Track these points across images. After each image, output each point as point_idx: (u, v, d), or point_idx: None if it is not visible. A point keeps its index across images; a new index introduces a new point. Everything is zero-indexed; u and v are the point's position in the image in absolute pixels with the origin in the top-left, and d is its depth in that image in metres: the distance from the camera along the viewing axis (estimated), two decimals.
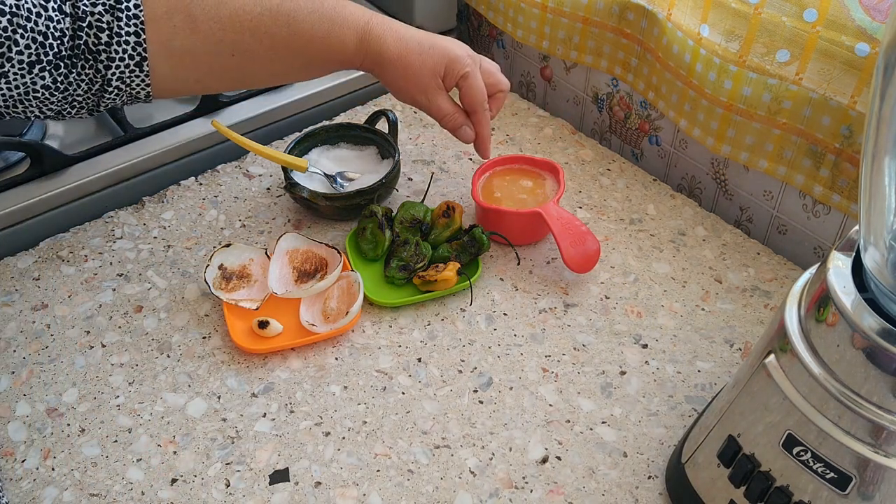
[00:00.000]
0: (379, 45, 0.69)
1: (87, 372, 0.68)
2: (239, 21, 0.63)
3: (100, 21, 0.58)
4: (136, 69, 0.60)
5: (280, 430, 0.63)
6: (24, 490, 0.59)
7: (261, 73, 0.68)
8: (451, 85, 0.73)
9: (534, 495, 0.59)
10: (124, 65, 0.60)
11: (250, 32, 0.64)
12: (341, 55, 0.69)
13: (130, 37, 0.59)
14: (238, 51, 0.64)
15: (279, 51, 0.66)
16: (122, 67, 0.60)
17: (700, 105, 0.78)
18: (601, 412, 0.64)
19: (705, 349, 0.69)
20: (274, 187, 0.87)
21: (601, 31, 0.87)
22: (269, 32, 0.64)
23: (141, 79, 0.61)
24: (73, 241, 0.80)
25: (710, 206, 0.86)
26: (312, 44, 0.66)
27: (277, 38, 0.65)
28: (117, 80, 0.60)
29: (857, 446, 0.44)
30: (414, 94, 0.73)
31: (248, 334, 0.69)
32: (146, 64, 0.61)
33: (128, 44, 0.59)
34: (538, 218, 0.75)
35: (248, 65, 0.66)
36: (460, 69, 0.72)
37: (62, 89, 0.59)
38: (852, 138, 0.68)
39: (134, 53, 0.60)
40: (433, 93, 0.73)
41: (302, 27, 0.65)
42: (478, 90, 0.73)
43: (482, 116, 0.76)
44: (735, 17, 0.72)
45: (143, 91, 0.62)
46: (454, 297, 0.74)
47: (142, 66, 0.60)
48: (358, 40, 0.68)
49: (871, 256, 0.44)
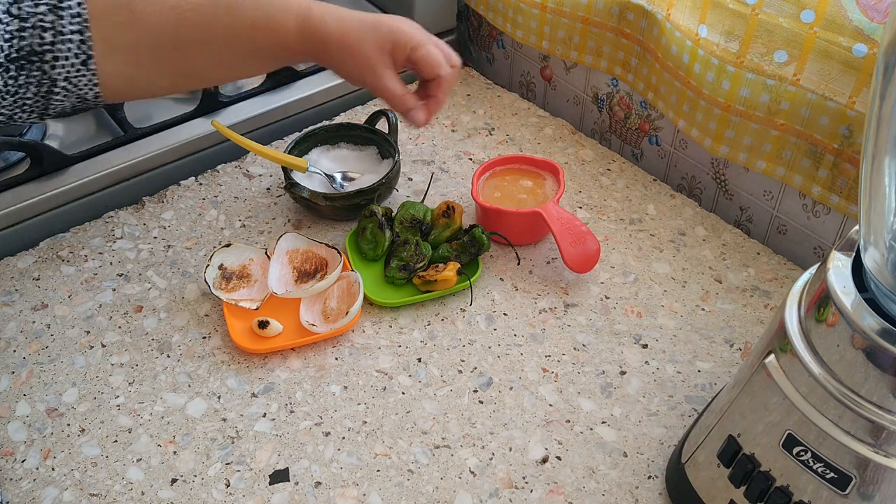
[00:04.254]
0: (321, 28, 0.67)
1: (87, 372, 0.68)
2: (179, 12, 0.63)
3: (42, 21, 0.58)
4: (83, 68, 0.60)
5: (280, 430, 0.63)
6: (24, 490, 0.59)
7: (206, 64, 0.67)
8: (401, 60, 0.70)
9: (534, 495, 0.59)
10: (69, 64, 0.59)
11: (191, 23, 0.63)
12: (284, 40, 0.67)
13: (74, 35, 0.59)
14: (181, 43, 0.64)
15: (221, 40, 0.65)
16: (68, 66, 0.59)
17: (698, 105, 0.78)
18: (601, 412, 0.65)
19: (705, 349, 0.69)
20: (274, 187, 0.87)
21: (601, 32, 0.87)
22: (210, 22, 0.64)
23: (88, 78, 0.61)
24: (73, 241, 0.80)
25: (710, 206, 0.86)
26: (254, 30, 0.66)
27: (218, 26, 0.64)
28: (64, 81, 0.60)
29: (857, 446, 0.44)
30: (362, 74, 0.70)
31: (248, 334, 0.69)
32: (92, 62, 0.60)
33: (72, 42, 0.59)
34: (538, 218, 0.76)
35: (193, 56, 0.65)
36: (407, 41, 0.69)
37: (13, 93, 0.59)
38: (851, 139, 0.68)
39: (79, 52, 0.59)
40: (381, 71, 0.69)
41: (242, 12, 0.65)
42: (434, 56, 0.70)
43: (446, 78, 0.71)
44: (733, 17, 0.72)
45: (90, 91, 0.62)
46: (454, 297, 0.74)
47: (87, 64, 0.60)
48: (299, 24, 0.67)
49: (871, 256, 0.44)
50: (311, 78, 0.96)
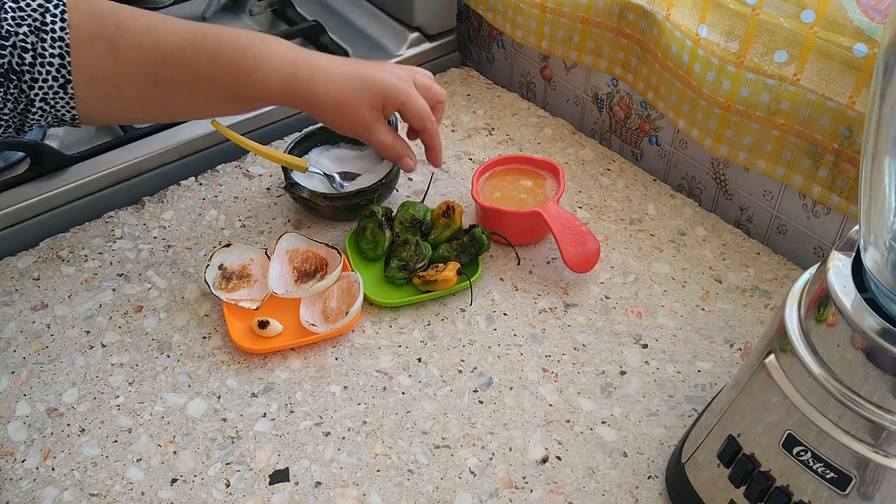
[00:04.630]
0: (308, 90, 0.68)
1: (87, 372, 0.68)
2: (161, 53, 0.63)
3: (24, 41, 0.58)
4: (61, 91, 0.60)
5: (280, 430, 0.63)
6: (24, 490, 0.59)
7: (185, 105, 0.68)
8: (390, 114, 0.73)
9: (534, 495, 0.59)
10: (48, 86, 0.60)
11: (172, 65, 0.63)
12: (266, 94, 0.68)
13: (55, 59, 0.59)
14: (160, 82, 0.64)
15: (201, 84, 0.65)
16: (46, 89, 0.60)
17: (698, 105, 0.78)
18: (601, 412, 0.65)
19: (705, 349, 0.69)
20: (274, 187, 0.87)
21: (601, 32, 0.87)
22: (192, 66, 0.64)
23: (66, 101, 0.61)
24: (73, 241, 0.80)
25: (710, 206, 0.86)
26: (236, 80, 0.66)
27: (200, 72, 0.64)
28: (41, 101, 0.60)
29: (857, 446, 0.44)
30: (354, 130, 0.73)
31: (248, 334, 0.69)
32: (70, 87, 0.60)
33: (52, 65, 0.59)
34: (538, 218, 0.76)
35: (171, 96, 0.66)
36: (397, 97, 0.71)
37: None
38: (851, 139, 0.68)
39: (58, 76, 0.59)
40: (374, 126, 0.72)
41: (225, 63, 0.65)
42: (421, 110, 0.73)
43: (431, 130, 0.76)
44: (733, 17, 0.72)
45: (68, 113, 0.62)
46: (454, 297, 0.74)
47: (66, 88, 0.60)
48: (283, 83, 0.67)
49: (871, 256, 0.44)
50: None
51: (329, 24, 1.03)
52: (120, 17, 0.62)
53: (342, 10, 1.09)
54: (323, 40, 1.01)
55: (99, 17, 0.61)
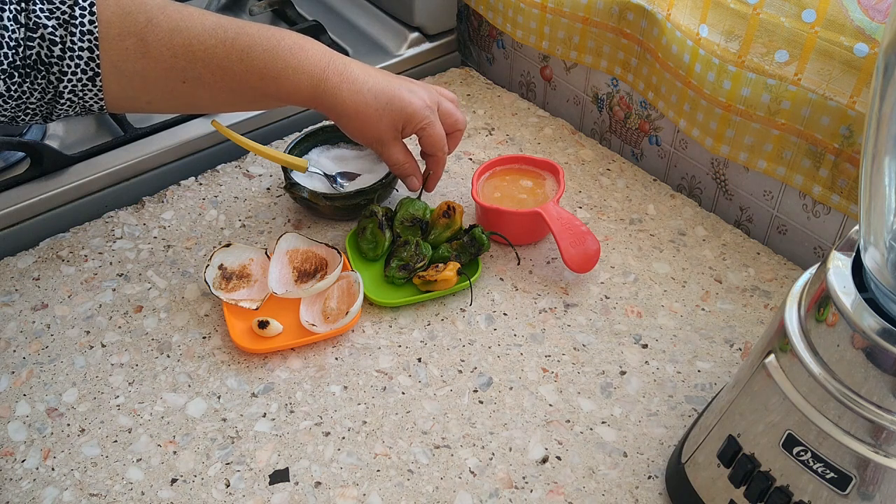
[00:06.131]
0: (334, 98, 0.68)
1: (87, 372, 0.68)
2: (192, 50, 0.63)
3: (53, 34, 0.58)
4: (89, 83, 0.60)
5: (280, 430, 0.63)
6: (24, 490, 0.59)
7: (211, 101, 0.68)
8: (409, 135, 0.74)
9: (534, 495, 0.59)
10: (76, 79, 0.60)
11: (203, 62, 0.63)
12: (293, 97, 0.68)
13: (84, 52, 0.59)
14: (189, 78, 0.64)
15: (230, 83, 0.65)
16: (75, 81, 0.60)
17: (699, 105, 0.78)
18: (601, 412, 0.64)
19: (705, 349, 0.69)
20: (274, 187, 0.87)
21: (601, 31, 0.87)
22: (222, 65, 0.64)
23: (94, 93, 0.61)
24: (73, 241, 0.80)
25: (710, 206, 0.86)
26: (264, 82, 0.66)
27: (229, 71, 0.65)
28: (69, 93, 0.60)
29: (857, 446, 0.44)
30: (370, 142, 0.74)
31: (248, 334, 0.69)
32: (99, 79, 0.61)
33: (81, 59, 0.59)
34: (538, 218, 0.75)
35: (199, 92, 0.66)
36: (419, 122, 0.72)
37: (16, 97, 0.59)
38: (852, 138, 0.68)
39: (87, 69, 0.60)
40: (389, 144, 0.73)
41: (255, 64, 0.65)
42: (437, 138, 0.74)
43: (439, 159, 0.77)
44: (734, 17, 0.72)
45: (96, 104, 0.62)
46: (454, 297, 0.74)
47: (94, 80, 0.60)
48: (312, 88, 0.67)
49: (871, 256, 0.44)
50: None
51: (329, 24, 1.03)
52: (150, 12, 0.62)
53: (342, 10, 1.09)
54: (323, 40, 1.01)
55: (129, 11, 0.61)
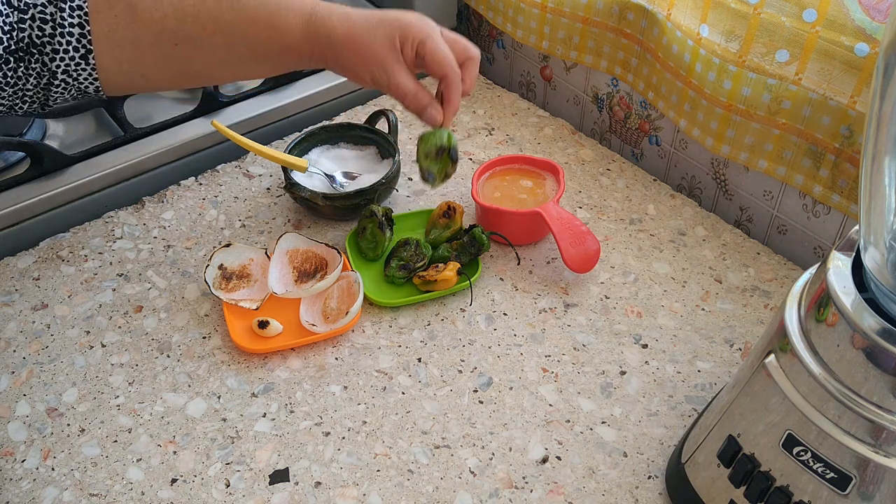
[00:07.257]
0: (326, 27, 0.65)
1: (87, 372, 0.68)
2: (181, 8, 0.62)
3: (42, 13, 0.58)
4: (82, 62, 0.60)
5: (280, 430, 0.63)
6: (24, 490, 0.59)
7: (207, 64, 0.66)
8: (410, 55, 0.66)
9: (534, 495, 0.59)
10: (69, 57, 0.59)
11: (193, 18, 0.63)
12: (287, 40, 0.66)
13: (74, 28, 0.59)
14: (181, 39, 0.63)
15: (223, 38, 0.64)
16: (67, 60, 0.59)
17: (699, 105, 0.78)
18: (601, 412, 0.64)
19: (705, 349, 0.69)
20: (274, 187, 0.87)
21: (601, 31, 0.87)
22: (213, 17, 0.63)
23: (88, 72, 0.61)
24: (73, 241, 0.80)
25: (710, 206, 0.86)
26: (256, 27, 0.64)
27: (221, 22, 0.63)
28: (63, 74, 0.60)
29: (857, 446, 0.44)
30: (372, 73, 0.67)
31: (248, 334, 0.69)
32: (91, 56, 0.60)
33: (72, 35, 0.59)
34: (538, 218, 0.75)
35: (193, 54, 0.64)
36: (416, 34, 0.65)
37: (12, 84, 0.59)
38: (852, 138, 0.68)
39: (78, 45, 0.59)
40: (392, 67, 0.66)
41: (246, 12, 0.64)
42: (442, 53, 0.65)
43: (452, 80, 0.66)
44: (734, 17, 0.72)
45: (91, 85, 0.62)
46: (454, 297, 0.74)
47: (87, 58, 0.60)
48: (304, 24, 0.65)
49: (871, 256, 0.44)
50: (311, 78, 0.96)
51: None
52: None
53: None
54: None
55: None
